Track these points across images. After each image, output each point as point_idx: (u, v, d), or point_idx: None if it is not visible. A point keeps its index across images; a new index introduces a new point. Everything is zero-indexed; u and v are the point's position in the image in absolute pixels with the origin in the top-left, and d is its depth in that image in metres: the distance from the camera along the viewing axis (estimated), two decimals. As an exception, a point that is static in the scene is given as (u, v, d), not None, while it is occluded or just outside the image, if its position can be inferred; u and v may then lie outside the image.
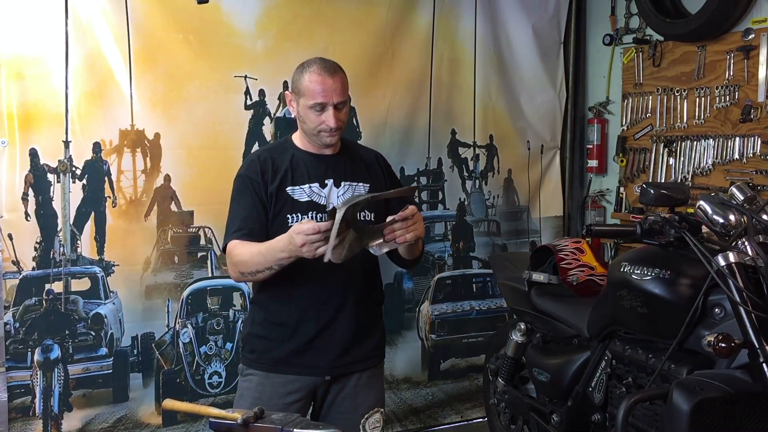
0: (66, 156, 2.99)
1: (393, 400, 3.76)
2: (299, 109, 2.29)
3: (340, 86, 2.26)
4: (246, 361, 2.40)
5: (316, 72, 2.24)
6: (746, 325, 1.97)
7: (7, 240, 2.92)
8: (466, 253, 3.94)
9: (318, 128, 2.26)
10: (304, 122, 2.29)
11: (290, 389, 2.30)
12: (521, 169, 4.06)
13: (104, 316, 3.10)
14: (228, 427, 1.64)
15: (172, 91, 3.15)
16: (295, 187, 2.29)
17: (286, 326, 2.31)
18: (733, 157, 3.33)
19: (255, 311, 2.41)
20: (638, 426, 2.22)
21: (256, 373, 2.34)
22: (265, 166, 2.30)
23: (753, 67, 3.23)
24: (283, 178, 2.28)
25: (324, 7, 3.43)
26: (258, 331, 2.36)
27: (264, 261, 2.13)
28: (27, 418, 2.99)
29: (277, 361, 2.31)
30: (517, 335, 3.04)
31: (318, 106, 2.23)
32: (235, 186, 2.34)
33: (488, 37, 3.88)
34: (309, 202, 2.28)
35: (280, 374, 2.31)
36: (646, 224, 2.25)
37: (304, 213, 2.26)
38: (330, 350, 2.31)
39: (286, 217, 2.26)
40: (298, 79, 2.29)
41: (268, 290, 2.31)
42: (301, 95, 2.26)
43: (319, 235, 1.95)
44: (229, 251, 2.24)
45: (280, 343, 2.31)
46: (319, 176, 2.32)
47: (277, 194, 2.26)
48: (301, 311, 2.29)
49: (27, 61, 2.90)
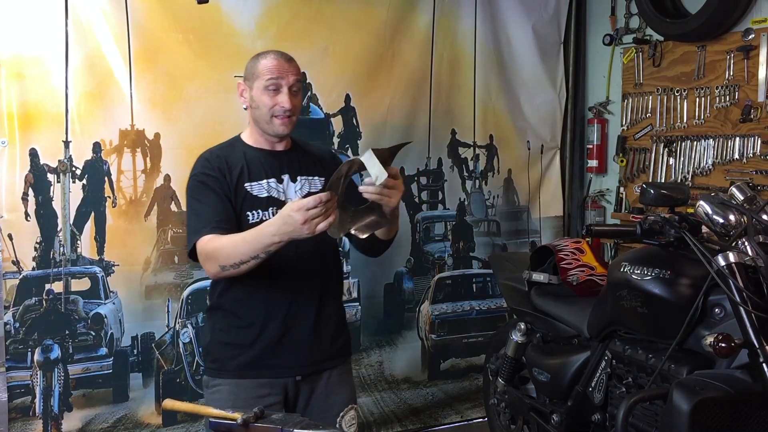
0: (66, 156, 2.99)
1: (393, 400, 3.76)
2: (252, 95, 2.26)
3: (295, 69, 2.27)
4: (211, 372, 2.31)
5: (272, 57, 2.25)
6: (746, 325, 1.97)
7: (7, 240, 2.92)
8: (466, 253, 3.94)
9: (271, 112, 2.22)
10: (258, 107, 2.25)
11: (262, 393, 2.23)
12: (521, 169, 4.06)
13: (104, 316, 3.10)
14: (228, 427, 1.64)
15: (172, 91, 3.15)
16: (253, 183, 2.25)
17: (252, 327, 2.24)
18: (733, 157, 3.33)
19: (216, 318, 2.33)
20: (638, 426, 2.22)
21: (224, 382, 2.26)
22: (220, 163, 2.25)
23: (753, 67, 3.23)
24: (240, 175, 2.24)
25: (324, 7, 3.43)
26: (221, 338, 2.29)
27: (251, 249, 2.06)
28: (27, 418, 2.99)
29: (246, 366, 2.24)
30: (517, 335, 3.04)
31: (273, 84, 2.21)
32: (191, 186, 2.26)
33: (488, 37, 3.88)
34: (268, 197, 2.25)
35: (250, 379, 2.24)
36: (646, 224, 2.25)
37: (265, 209, 2.23)
38: (298, 349, 2.27)
39: (246, 214, 2.22)
40: (252, 66, 2.27)
41: (232, 293, 2.25)
42: (256, 78, 2.24)
43: (321, 207, 1.91)
44: (202, 247, 2.14)
45: (246, 347, 2.25)
46: (275, 172, 2.29)
47: (235, 191, 2.22)
48: (268, 310, 2.24)
49: (27, 61, 2.90)
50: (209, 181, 2.22)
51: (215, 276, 2.19)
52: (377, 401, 3.72)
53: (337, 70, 3.50)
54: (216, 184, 2.21)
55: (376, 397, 3.72)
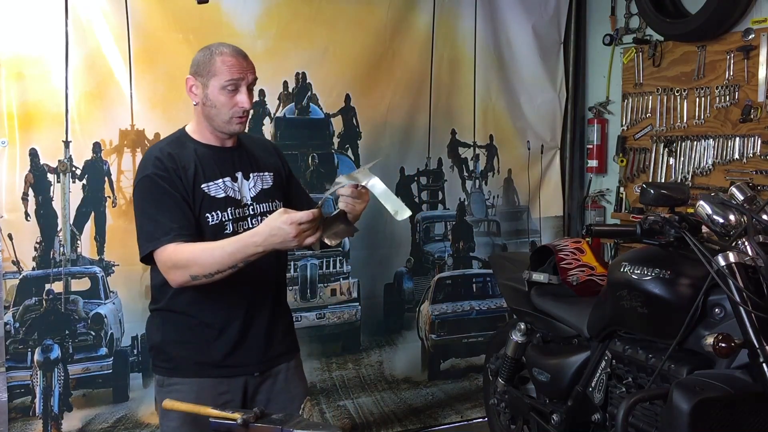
0: (66, 156, 2.99)
1: (393, 400, 3.76)
2: (207, 93, 2.15)
3: (252, 67, 2.19)
4: (164, 371, 2.24)
5: (229, 54, 2.15)
6: (746, 325, 1.97)
7: (7, 240, 2.92)
8: (466, 253, 3.94)
9: (230, 112, 2.16)
10: (214, 107, 2.16)
11: (222, 390, 2.21)
12: (521, 169, 4.06)
13: (104, 316, 3.10)
14: (228, 427, 1.64)
15: (172, 91, 3.14)
16: (210, 183, 2.16)
17: (211, 328, 2.21)
18: (733, 157, 3.33)
19: (167, 319, 2.24)
20: (638, 426, 2.22)
21: (184, 381, 2.20)
22: (171, 162, 2.13)
23: (753, 67, 3.23)
24: (195, 175, 2.14)
25: (324, 6, 3.43)
26: (176, 337, 2.22)
27: (231, 260, 2.00)
28: (27, 418, 2.99)
29: (206, 365, 2.20)
30: (517, 335, 3.04)
31: (232, 84, 2.12)
32: (143, 187, 2.13)
33: (488, 37, 3.88)
34: (226, 197, 2.19)
35: (211, 378, 2.21)
36: (646, 224, 2.25)
37: (224, 210, 2.17)
38: (256, 346, 2.26)
39: (205, 216, 2.15)
40: (206, 61, 2.14)
41: (188, 294, 2.17)
42: (212, 76, 2.12)
43: (313, 223, 1.92)
44: (167, 256, 2.05)
45: (205, 346, 2.21)
46: (229, 170, 2.22)
47: (192, 193, 2.13)
48: (227, 311, 2.21)
49: (27, 61, 2.90)
50: (164, 182, 2.10)
51: (180, 285, 2.07)
52: (377, 401, 3.72)
53: (337, 70, 3.50)
54: (171, 186, 2.10)
55: (376, 397, 3.72)
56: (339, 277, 3.56)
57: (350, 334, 3.64)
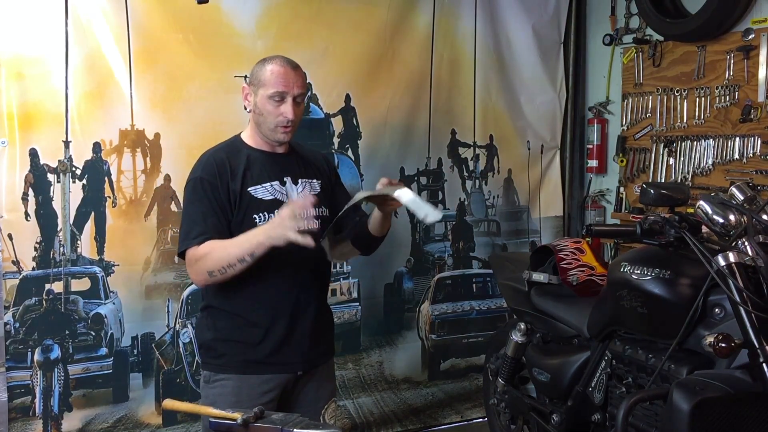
0: (66, 156, 2.99)
1: (393, 400, 3.76)
2: (257, 101, 2.29)
3: (301, 80, 2.30)
4: (213, 367, 2.34)
5: (279, 64, 2.27)
6: (746, 325, 1.97)
7: (7, 240, 2.92)
8: (466, 253, 3.94)
9: (275, 121, 2.27)
10: (261, 114, 2.29)
11: (266, 389, 2.29)
12: (521, 169, 4.06)
13: (104, 316, 3.10)
14: (228, 427, 1.64)
15: (172, 91, 3.15)
16: (257, 186, 2.29)
17: (258, 327, 2.29)
18: (733, 157, 3.33)
19: (217, 317, 2.34)
20: (638, 426, 2.22)
21: (229, 377, 2.30)
22: (222, 167, 2.27)
23: (753, 67, 3.23)
24: (243, 178, 2.27)
25: (324, 7, 3.43)
26: (225, 335, 2.31)
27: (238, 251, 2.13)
28: (27, 418, 2.99)
29: (253, 363, 2.29)
30: (517, 335, 3.04)
31: (278, 95, 2.24)
32: (189, 189, 2.29)
33: (488, 38, 3.88)
34: (273, 200, 2.29)
35: (256, 375, 2.29)
36: (646, 224, 2.25)
37: (270, 212, 2.25)
38: (301, 345, 2.33)
39: (252, 217, 2.25)
40: (258, 71, 2.29)
41: (235, 294, 2.28)
42: (261, 86, 2.27)
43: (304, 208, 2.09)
44: (191, 255, 2.20)
45: (252, 345, 2.29)
46: (278, 174, 2.33)
47: (240, 195, 2.26)
48: (273, 311, 2.29)
49: (27, 61, 2.90)
50: (208, 186, 2.24)
51: (203, 283, 2.24)
52: (377, 401, 3.72)
53: (337, 70, 3.50)
54: (214, 191, 2.24)
55: (376, 397, 3.72)
56: (339, 277, 3.56)
57: (350, 334, 3.64)
